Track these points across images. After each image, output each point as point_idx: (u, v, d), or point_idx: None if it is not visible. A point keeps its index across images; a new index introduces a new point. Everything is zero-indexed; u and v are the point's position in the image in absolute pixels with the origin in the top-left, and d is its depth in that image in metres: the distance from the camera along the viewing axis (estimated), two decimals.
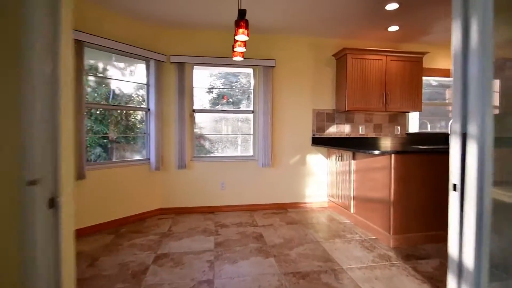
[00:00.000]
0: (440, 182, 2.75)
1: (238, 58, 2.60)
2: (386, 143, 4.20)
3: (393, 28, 3.62)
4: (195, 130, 3.85)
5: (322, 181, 4.09)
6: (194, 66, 3.79)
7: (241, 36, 1.98)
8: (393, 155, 2.64)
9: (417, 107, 3.94)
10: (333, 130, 4.09)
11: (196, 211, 3.76)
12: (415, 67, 3.90)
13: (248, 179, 3.90)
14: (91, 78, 3.22)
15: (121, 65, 3.49)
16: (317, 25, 3.54)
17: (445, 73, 4.40)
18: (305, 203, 4.05)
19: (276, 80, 3.91)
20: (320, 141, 4.04)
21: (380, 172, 2.84)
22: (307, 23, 3.49)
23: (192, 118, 3.80)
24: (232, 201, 3.87)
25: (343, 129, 4.12)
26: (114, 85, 3.39)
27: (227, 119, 3.98)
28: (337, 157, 3.73)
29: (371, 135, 4.20)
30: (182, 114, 3.62)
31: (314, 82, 4.02)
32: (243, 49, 2.36)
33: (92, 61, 3.25)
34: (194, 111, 3.80)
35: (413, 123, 4.42)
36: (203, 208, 3.78)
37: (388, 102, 3.83)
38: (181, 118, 3.61)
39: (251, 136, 4.01)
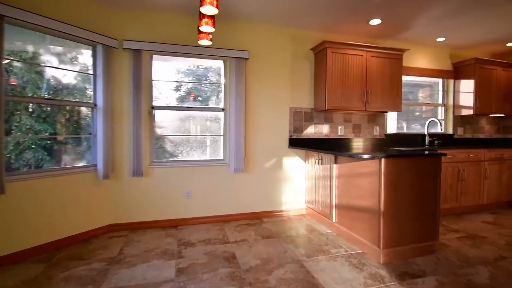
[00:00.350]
0: (428, 187, 2.50)
1: (205, 42, 2.12)
2: (367, 144, 3.96)
3: (375, 22, 3.37)
4: (155, 130, 3.28)
5: (300, 187, 3.74)
6: (154, 55, 3.22)
7: (209, 7, 1.50)
8: (383, 160, 2.34)
9: (397, 107, 3.74)
10: (311, 131, 3.75)
11: (156, 225, 3.19)
12: (395, 65, 3.69)
13: (218, 187, 3.41)
14: (17, 64, 2.53)
15: (60, 49, 2.82)
16: (295, 14, 3.17)
17: (422, 72, 4.28)
18: (281, 211, 3.66)
19: (250, 74, 3.48)
20: (298, 143, 3.68)
21: (367, 178, 2.53)
22: (285, 11, 3.10)
23: (151, 116, 3.22)
24: (200, 212, 3.36)
25: (322, 130, 3.81)
26: (49, 74, 2.72)
27: (194, 118, 3.46)
28: (317, 160, 3.39)
29: (350, 135, 3.93)
30: (138, 111, 3.03)
31: (292, 78, 3.65)
32: (211, 29, 1.89)
33: (18, 43, 2.57)
34: (153, 107, 3.23)
35: (391, 123, 4.25)
36: (164, 222, 3.23)
37: (368, 101, 3.57)
38: (137, 116, 3.03)
39: (221, 137, 3.54)
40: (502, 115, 4.43)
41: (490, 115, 4.50)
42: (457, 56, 4.51)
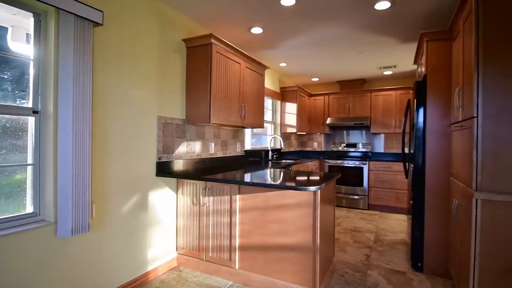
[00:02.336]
0: (329, 209, 2.52)
1: None
2: (236, 163, 3.54)
3: (257, 30, 3.07)
4: None
5: (170, 230, 2.65)
6: None
7: None
8: (318, 190, 2.03)
9: (261, 123, 3.65)
10: (183, 150, 2.79)
11: None
12: (260, 80, 3.59)
13: (29, 270, 1.63)
14: None
15: None
16: None
17: (265, 90, 4.54)
18: (147, 274, 2.40)
19: (101, 53, 2.00)
20: (169, 168, 2.60)
21: (294, 211, 2.13)
22: None
23: None
24: None
25: (195, 148, 2.95)
26: None
27: None
28: (203, 191, 2.53)
29: (219, 153, 3.35)
30: None
31: (160, 75, 2.53)
32: None
33: None
34: None
35: (247, 139, 4.13)
36: None
37: (245, 116, 3.20)
38: None
39: (31, 169, 1.76)
40: (304, 133, 5.67)
41: (297, 133, 5.62)
42: (282, 82, 5.24)
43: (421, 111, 2.56)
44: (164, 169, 2.53)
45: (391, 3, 2.39)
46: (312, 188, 1.88)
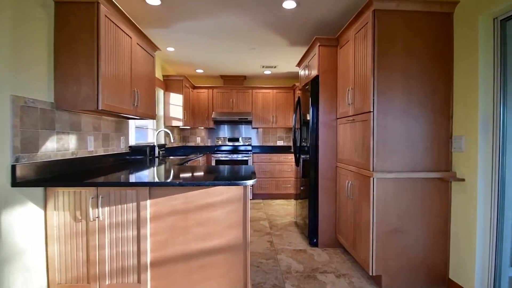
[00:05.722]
0: None
1: None
2: (124, 163, 2.85)
3: (154, 1, 2.56)
4: None
5: (36, 264, 1.82)
6: None
7: None
8: (248, 187, 1.94)
9: (154, 114, 3.13)
10: (52, 146, 1.97)
11: None
12: (150, 63, 3.06)
13: None
14: None
15: None
16: None
17: None
18: None
19: None
20: (31, 173, 1.76)
21: (222, 209, 1.94)
22: None
23: None
24: None
25: (68, 144, 2.15)
26: None
27: None
28: (93, 200, 1.87)
29: (100, 150, 2.62)
30: None
31: (16, 33, 1.65)
32: None
33: None
34: None
35: (131, 133, 3.43)
36: None
37: (138, 104, 2.64)
38: None
39: None
40: (189, 127, 5.36)
41: (182, 127, 5.25)
42: (164, 69, 4.69)
43: (315, 106, 2.92)
44: (24, 176, 1.69)
45: (297, 4, 2.58)
46: (248, 182, 1.76)
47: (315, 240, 2.96)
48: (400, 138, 2.10)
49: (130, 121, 3.32)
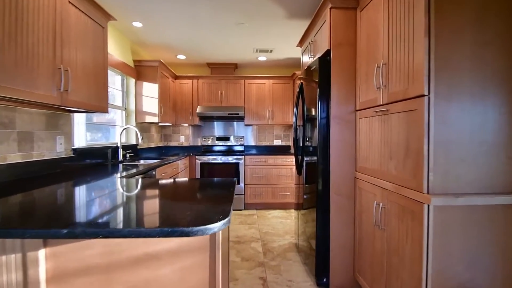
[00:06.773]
0: None
1: None
2: (55, 175, 2.02)
3: None
4: None
5: None
6: None
7: None
8: (219, 233, 1.12)
9: (105, 105, 2.30)
10: None
11: None
12: (99, 38, 2.22)
13: None
14: None
15: None
16: None
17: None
18: None
19: None
20: None
21: (173, 264, 1.12)
22: None
23: None
24: None
25: None
26: None
27: None
28: None
29: (16, 157, 1.78)
30: None
31: None
32: None
33: None
34: None
35: (79, 131, 2.60)
36: None
37: (68, 88, 1.80)
38: None
39: None
40: (169, 124, 4.53)
41: (160, 124, 4.41)
42: (136, 54, 3.86)
43: (324, 94, 2.10)
44: None
45: None
46: (216, 226, 0.94)
47: (324, 280, 2.15)
48: (470, 140, 1.29)
49: (76, 114, 2.49)
